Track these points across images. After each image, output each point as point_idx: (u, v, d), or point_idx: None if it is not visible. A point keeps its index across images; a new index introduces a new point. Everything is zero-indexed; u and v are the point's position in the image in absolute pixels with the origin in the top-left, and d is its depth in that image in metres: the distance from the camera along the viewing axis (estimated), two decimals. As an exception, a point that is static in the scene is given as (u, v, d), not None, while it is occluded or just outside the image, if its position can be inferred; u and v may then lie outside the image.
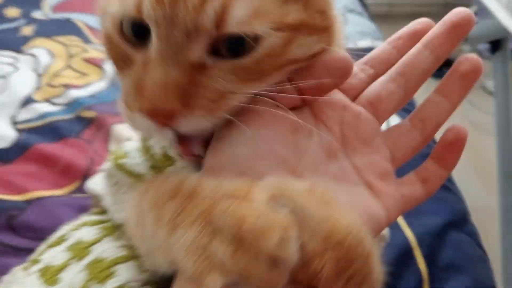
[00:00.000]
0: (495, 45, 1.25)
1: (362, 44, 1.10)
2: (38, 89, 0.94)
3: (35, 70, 0.99)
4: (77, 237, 0.46)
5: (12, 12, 1.16)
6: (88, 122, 0.88)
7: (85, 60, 1.02)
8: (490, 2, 0.98)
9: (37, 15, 1.17)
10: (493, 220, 1.36)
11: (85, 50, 1.05)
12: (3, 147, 0.83)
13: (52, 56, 1.03)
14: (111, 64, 0.39)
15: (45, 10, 1.19)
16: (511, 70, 1.32)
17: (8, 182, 0.77)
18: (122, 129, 0.85)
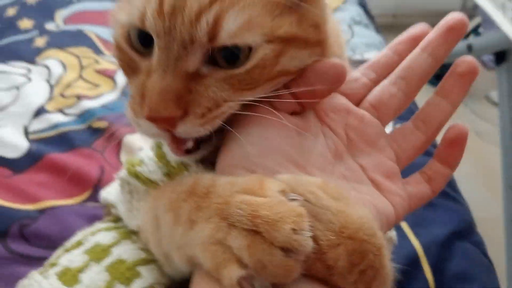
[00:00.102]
0: (500, 56, 1.26)
1: (368, 55, 1.10)
2: (50, 99, 0.95)
3: (48, 81, 1.00)
4: (94, 241, 0.47)
5: (26, 24, 1.17)
6: (100, 132, 0.89)
7: (97, 72, 1.03)
8: (496, 15, 0.98)
9: (50, 26, 1.18)
10: (498, 229, 1.35)
11: (97, 62, 1.06)
12: (15, 157, 0.84)
13: (64, 67, 1.04)
14: (122, 73, 0.41)
15: (58, 22, 1.20)
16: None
17: (20, 191, 0.78)
18: (134, 139, 0.86)
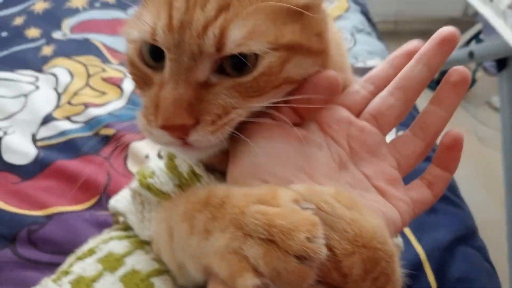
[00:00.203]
0: (501, 63, 1.26)
1: (371, 63, 1.11)
2: (58, 107, 0.97)
3: (55, 89, 1.01)
4: (107, 249, 0.48)
5: (33, 33, 1.18)
6: (107, 139, 0.90)
7: (103, 80, 1.04)
8: (497, 23, 0.99)
9: (57, 35, 1.19)
10: (500, 233, 1.36)
11: (103, 70, 1.07)
12: (24, 164, 0.85)
13: (71, 75, 1.05)
14: (133, 84, 0.42)
15: (65, 31, 1.21)
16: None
17: (28, 198, 0.79)
18: (140, 146, 0.88)
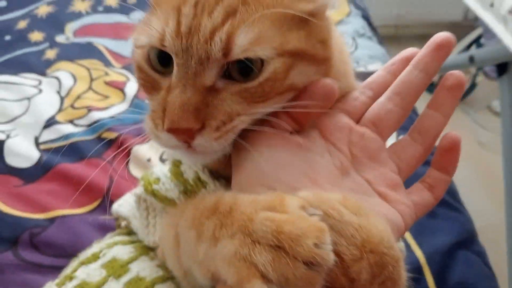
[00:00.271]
0: (502, 68, 1.26)
1: (372, 67, 1.12)
2: (61, 110, 0.97)
3: (58, 93, 1.02)
4: (111, 255, 0.48)
5: (36, 36, 1.19)
6: (110, 142, 0.91)
7: (106, 83, 1.05)
8: (497, 28, 1.00)
9: (60, 39, 1.20)
10: (500, 237, 1.35)
11: (106, 74, 1.08)
12: (26, 167, 0.86)
13: (74, 79, 1.06)
14: (139, 89, 0.43)
15: (68, 34, 1.22)
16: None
17: (31, 201, 0.80)
18: (142, 150, 0.88)
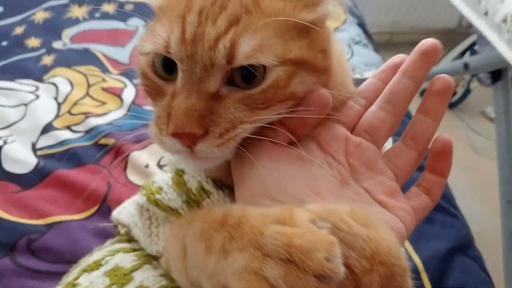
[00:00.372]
0: (496, 75, 1.28)
1: (367, 74, 1.12)
2: (58, 116, 0.97)
3: (56, 99, 1.02)
4: (114, 263, 0.48)
5: (33, 42, 1.19)
6: (107, 148, 0.90)
7: (103, 89, 1.05)
8: (491, 36, 1.01)
9: (57, 45, 1.20)
10: (495, 243, 1.36)
11: (103, 80, 1.08)
12: (24, 173, 0.85)
13: (71, 85, 1.06)
14: (147, 97, 0.43)
15: (65, 40, 1.22)
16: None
17: (28, 207, 0.80)
18: (140, 156, 0.88)
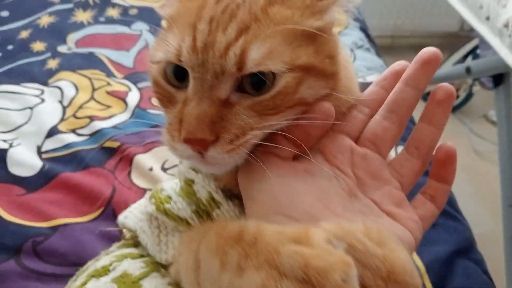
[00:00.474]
0: (498, 79, 1.28)
1: (370, 78, 1.13)
2: (63, 120, 0.98)
3: (61, 102, 1.03)
4: (122, 269, 0.49)
5: (38, 46, 1.20)
6: (112, 152, 0.91)
7: (108, 93, 1.05)
8: (493, 41, 1.01)
9: (62, 49, 1.20)
10: (497, 246, 1.36)
11: (108, 84, 1.09)
12: (29, 175, 0.86)
13: (76, 89, 1.06)
14: (159, 104, 0.44)
15: (70, 45, 1.23)
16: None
17: (33, 209, 0.80)
18: (144, 159, 0.89)
